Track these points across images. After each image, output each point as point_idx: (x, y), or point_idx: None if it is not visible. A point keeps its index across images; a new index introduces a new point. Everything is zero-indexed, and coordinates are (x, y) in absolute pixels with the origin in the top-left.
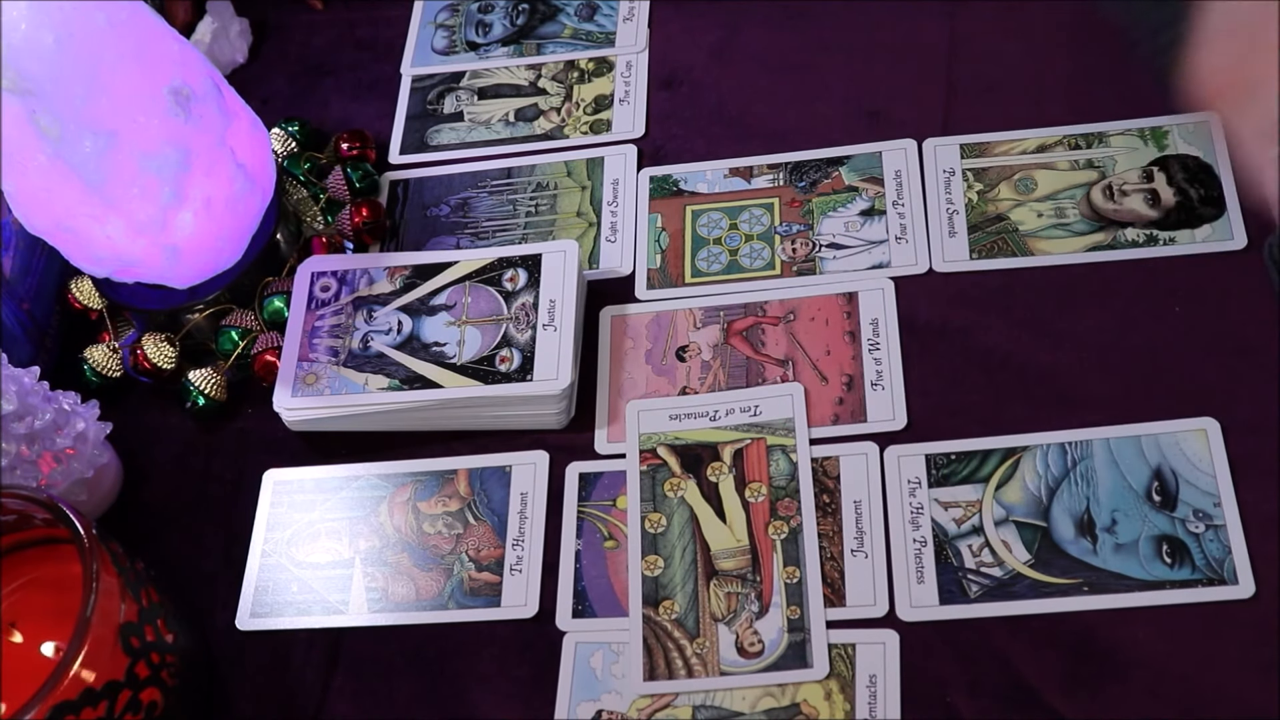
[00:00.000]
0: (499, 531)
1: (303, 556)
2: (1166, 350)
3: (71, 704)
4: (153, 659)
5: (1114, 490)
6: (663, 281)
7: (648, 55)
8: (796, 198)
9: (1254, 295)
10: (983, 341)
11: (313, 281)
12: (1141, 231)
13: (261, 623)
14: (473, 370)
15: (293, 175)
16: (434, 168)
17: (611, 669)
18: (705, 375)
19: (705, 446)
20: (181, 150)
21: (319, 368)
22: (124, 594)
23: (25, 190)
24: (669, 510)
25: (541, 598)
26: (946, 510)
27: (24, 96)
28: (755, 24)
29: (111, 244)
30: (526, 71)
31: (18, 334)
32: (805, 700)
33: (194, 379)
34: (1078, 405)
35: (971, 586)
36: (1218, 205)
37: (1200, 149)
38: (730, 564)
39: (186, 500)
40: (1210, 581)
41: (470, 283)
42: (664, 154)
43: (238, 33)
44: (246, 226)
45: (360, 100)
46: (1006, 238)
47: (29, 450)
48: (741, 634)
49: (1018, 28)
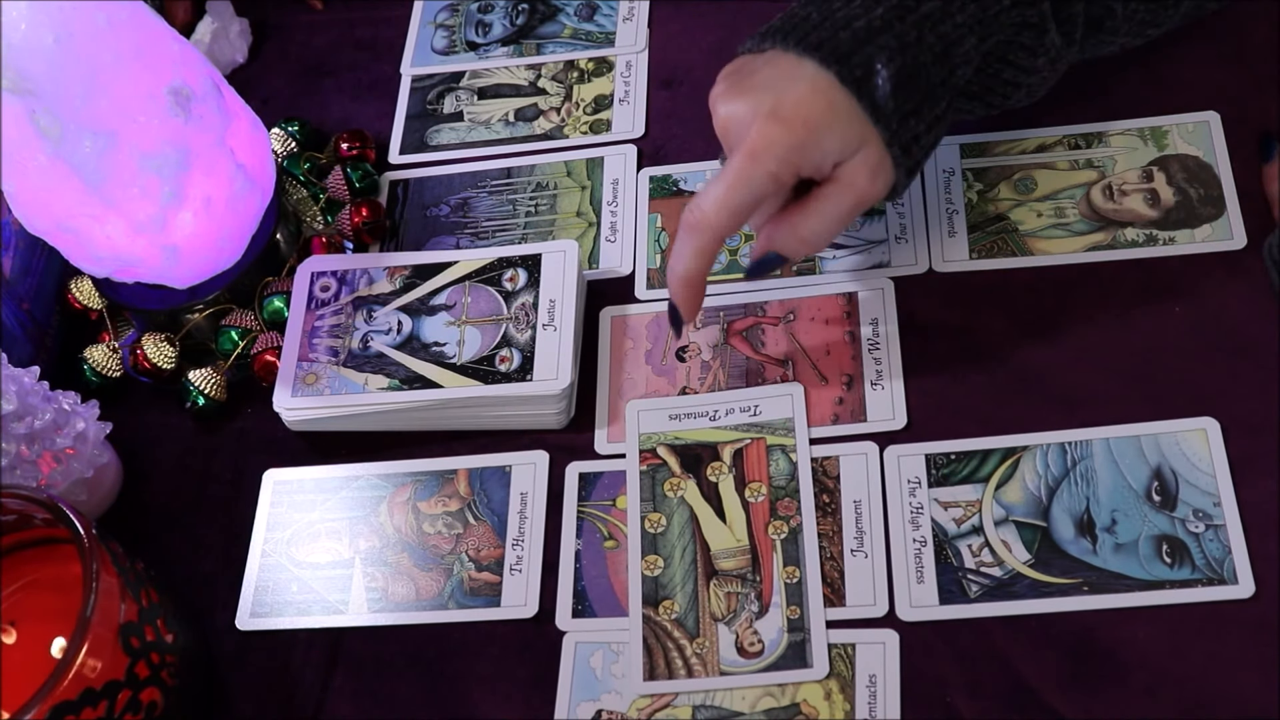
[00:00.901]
0: (499, 531)
1: (303, 556)
2: (1166, 350)
3: (71, 704)
4: (153, 659)
5: (1114, 490)
6: (663, 281)
7: (647, 55)
8: None
9: (1254, 295)
10: (983, 341)
11: (312, 281)
12: (1141, 231)
13: (261, 623)
14: (472, 370)
15: (293, 175)
16: (434, 168)
17: (611, 669)
18: (705, 375)
19: (705, 446)
20: (181, 150)
21: (319, 368)
22: (124, 594)
23: (25, 190)
24: (669, 510)
25: (541, 598)
26: (946, 510)
27: (24, 96)
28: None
29: (111, 244)
30: (526, 71)
31: (18, 334)
32: (805, 700)
33: (194, 379)
34: (1078, 405)
35: (971, 586)
36: (1217, 205)
37: (1200, 149)
38: (730, 564)
39: (186, 500)
40: (1210, 581)
41: (470, 283)
42: (664, 154)
43: (237, 33)
44: (246, 226)
45: (360, 100)
46: (1006, 237)
47: (29, 450)
48: (741, 634)
49: None
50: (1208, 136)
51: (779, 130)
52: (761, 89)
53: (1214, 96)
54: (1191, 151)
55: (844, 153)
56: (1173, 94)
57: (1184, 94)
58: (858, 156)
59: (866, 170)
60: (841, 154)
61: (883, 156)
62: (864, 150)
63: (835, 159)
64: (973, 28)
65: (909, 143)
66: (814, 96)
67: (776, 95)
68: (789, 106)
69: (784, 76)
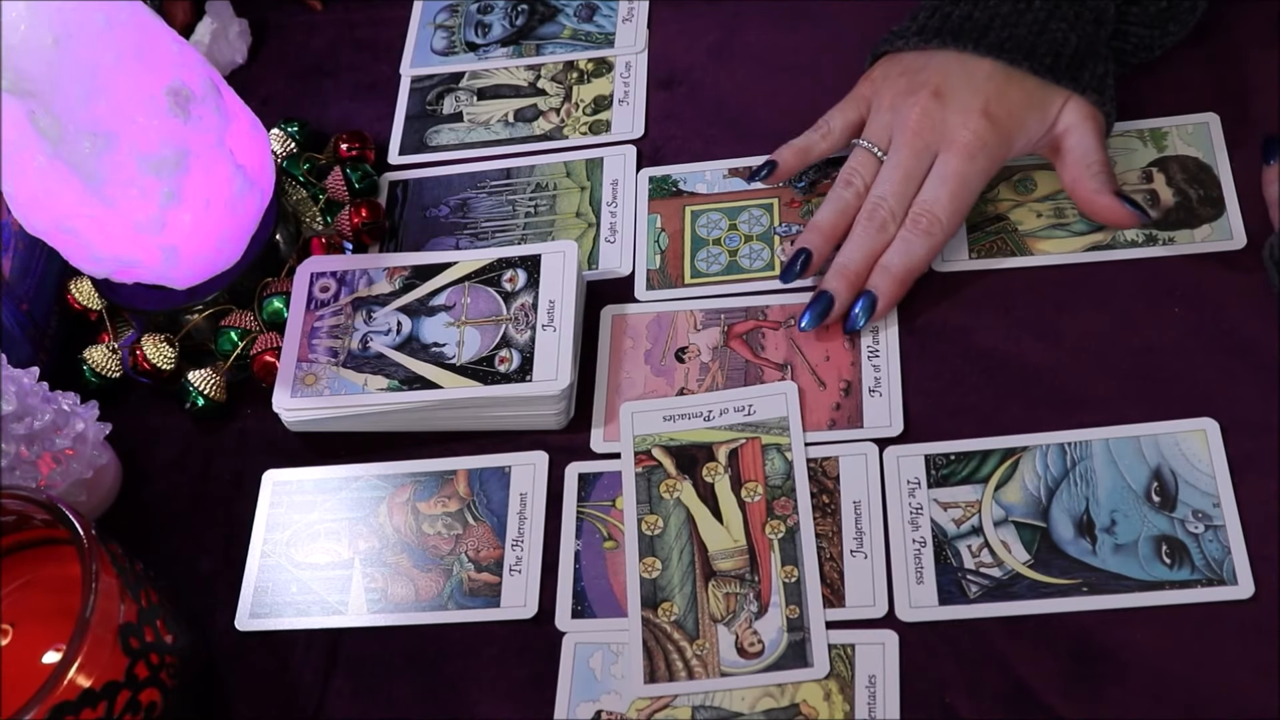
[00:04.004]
0: (498, 532)
1: (302, 557)
2: (1166, 350)
3: (71, 705)
4: (152, 660)
5: (1113, 490)
6: (662, 282)
7: (647, 55)
8: (796, 198)
9: (1254, 295)
10: (982, 342)
11: (312, 282)
12: (1140, 231)
13: (261, 623)
14: (472, 371)
15: (292, 176)
16: (433, 168)
17: (611, 669)
18: (704, 377)
19: (700, 447)
20: (180, 151)
21: (318, 368)
22: (123, 595)
23: (25, 191)
24: (665, 512)
25: (541, 598)
26: (946, 511)
27: (23, 97)
28: (755, 24)
29: (111, 244)
30: (526, 72)
31: (17, 334)
32: (805, 701)
33: (193, 379)
34: (1077, 406)
35: (971, 587)
36: (1217, 206)
37: (1199, 150)
38: (728, 564)
39: (186, 500)
40: (1209, 582)
41: (469, 283)
42: (663, 154)
43: (237, 33)
44: (246, 227)
45: (360, 101)
46: (1005, 238)
47: (28, 451)
48: (741, 634)
49: None
50: (1207, 137)
51: (989, 128)
52: (961, 89)
53: (1214, 98)
54: (1191, 152)
55: (1044, 126)
56: (1172, 95)
57: (1184, 95)
58: (1065, 113)
59: (1079, 116)
60: (1041, 129)
61: (1085, 105)
62: (1066, 109)
63: (1036, 138)
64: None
65: (1100, 88)
66: (1012, 90)
67: (982, 95)
68: (996, 104)
69: (974, 74)
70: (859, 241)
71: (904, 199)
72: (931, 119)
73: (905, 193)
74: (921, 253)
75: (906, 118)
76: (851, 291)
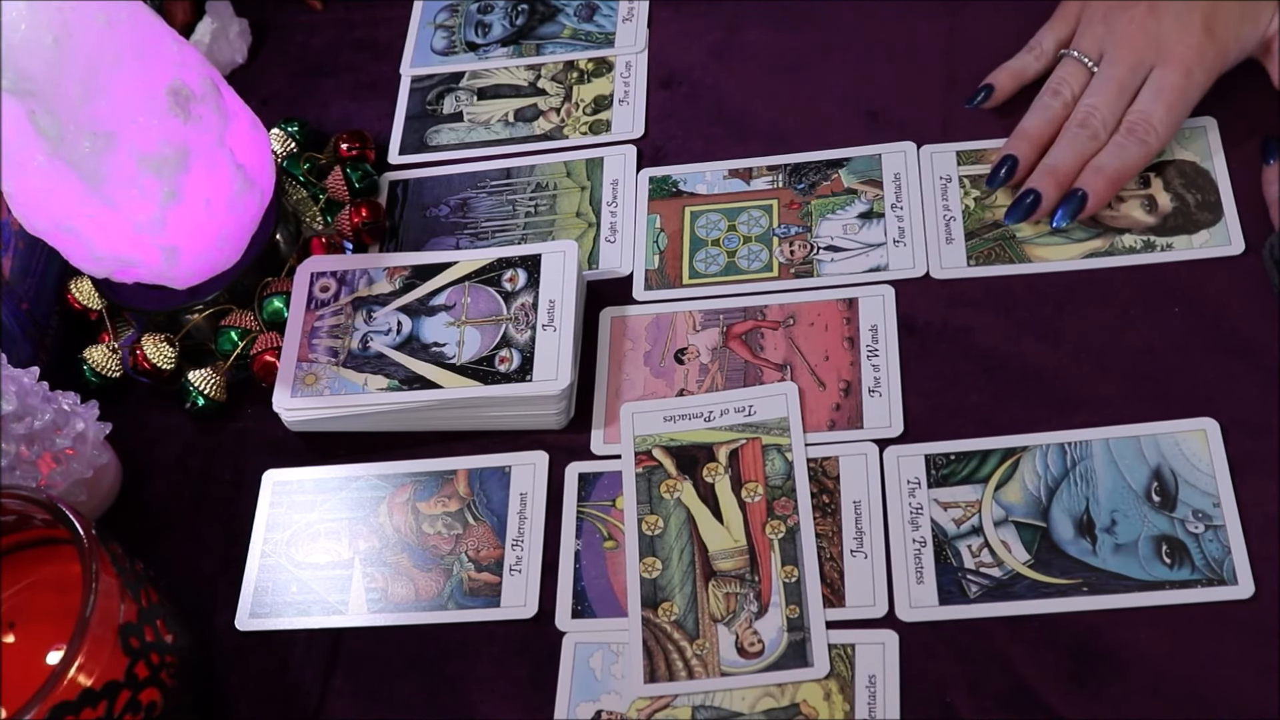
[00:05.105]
0: (498, 532)
1: (302, 557)
2: (1166, 350)
3: (71, 705)
4: (152, 659)
5: (1113, 490)
6: (660, 282)
7: (647, 55)
8: (796, 199)
9: (1253, 298)
10: (982, 344)
11: (312, 282)
12: (1139, 237)
13: (261, 623)
14: (472, 371)
15: (292, 175)
16: (433, 168)
17: (611, 669)
18: (703, 378)
19: (700, 447)
20: (180, 151)
21: (318, 368)
22: (124, 594)
23: (24, 190)
24: (665, 512)
25: (541, 598)
26: (946, 510)
27: (23, 97)
28: (755, 24)
29: (111, 244)
30: (526, 72)
31: (17, 334)
32: (805, 700)
33: (193, 379)
34: (1077, 406)
35: (971, 587)
36: (1215, 210)
37: (1197, 155)
38: (728, 564)
39: (186, 500)
40: (1210, 582)
41: (470, 283)
42: (663, 154)
43: (237, 33)
44: (246, 227)
45: (360, 100)
46: (1004, 244)
47: (28, 450)
48: (741, 634)
49: (1018, 29)
50: (1204, 142)
51: (1208, 42)
52: (1177, 2)
53: (1211, 101)
54: (1188, 157)
55: (1258, 35)
56: None
57: None
58: (1278, 19)
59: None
60: (1255, 38)
61: None
62: (1278, 15)
63: (1251, 48)
64: None
65: None
66: (1227, 2)
67: (1198, 9)
68: (1212, 17)
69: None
70: (1070, 145)
71: (1117, 110)
72: (1147, 32)
73: (1119, 104)
74: (1136, 157)
75: (1121, 31)
76: (1059, 191)
